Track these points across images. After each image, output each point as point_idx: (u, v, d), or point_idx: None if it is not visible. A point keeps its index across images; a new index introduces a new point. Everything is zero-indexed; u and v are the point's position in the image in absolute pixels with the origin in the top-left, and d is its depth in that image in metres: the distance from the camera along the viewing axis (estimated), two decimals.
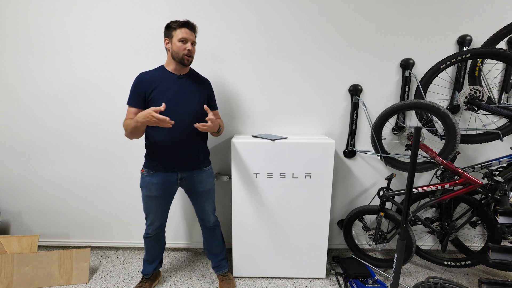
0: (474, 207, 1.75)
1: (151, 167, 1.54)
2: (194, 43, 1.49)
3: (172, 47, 1.44)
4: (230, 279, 1.79)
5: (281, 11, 1.84)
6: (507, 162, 1.70)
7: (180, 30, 1.42)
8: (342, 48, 1.89)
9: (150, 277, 1.75)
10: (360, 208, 1.93)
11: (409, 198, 1.24)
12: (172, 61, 1.48)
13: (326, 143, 1.67)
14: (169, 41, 1.46)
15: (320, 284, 1.82)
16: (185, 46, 1.44)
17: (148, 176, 1.54)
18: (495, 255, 1.31)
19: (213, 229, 1.74)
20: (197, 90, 1.55)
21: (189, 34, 1.45)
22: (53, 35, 1.88)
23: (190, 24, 1.46)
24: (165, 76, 1.48)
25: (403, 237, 1.28)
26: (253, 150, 1.69)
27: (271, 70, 1.93)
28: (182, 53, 1.44)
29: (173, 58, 1.47)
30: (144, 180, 1.56)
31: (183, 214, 2.13)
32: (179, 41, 1.43)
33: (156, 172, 1.53)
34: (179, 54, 1.44)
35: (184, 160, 1.53)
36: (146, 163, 1.57)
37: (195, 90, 1.53)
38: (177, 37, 1.42)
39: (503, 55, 1.55)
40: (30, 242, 1.88)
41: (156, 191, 1.55)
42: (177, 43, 1.43)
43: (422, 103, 1.65)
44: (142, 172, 1.57)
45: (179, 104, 1.46)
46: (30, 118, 1.99)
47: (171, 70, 1.50)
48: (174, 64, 1.48)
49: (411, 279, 1.88)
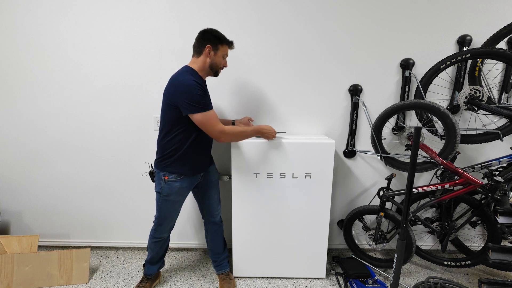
0: (474, 207, 1.75)
1: (181, 172, 1.51)
2: None
3: (215, 58, 1.50)
4: (230, 279, 1.79)
5: (281, 11, 1.84)
6: (507, 162, 1.70)
7: (226, 47, 1.53)
8: (342, 48, 1.89)
9: (151, 277, 1.75)
10: (360, 208, 1.93)
11: (409, 198, 1.24)
12: (207, 69, 1.51)
13: (326, 143, 1.67)
14: (212, 51, 1.48)
15: (320, 284, 1.82)
16: (225, 62, 1.56)
17: (179, 181, 1.52)
18: (495, 255, 1.31)
19: (218, 225, 1.80)
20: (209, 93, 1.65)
21: (227, 52, 1.56)
22: (53, 35, 1.87)
23: (233, 44, 1.57)
24: (203, 82, 1.54)
25: (403, 237, 1.29)
26: (253, 150, 1.69)
27: (271, 70, 1.92)
28: (220, 66, 1.54)
29: (210, 68, 1.51)
30: (172, 186, 1.52)
31: (184, 214, 2.13)
32: (223, 57, 1.53)
33: (186, 177, 1.54)
34: (218, 67, 1.53)
35: (210, 159, 1.70)
36: (174, 169, 1.50)
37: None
38: (223, 52, 1.51)
39: (503, 55, 1.55)
40: (30, 242, 1.88)
41: (184, 194, 1.61)
42: (221, 57, 1.52)
43: (422, 103, 1.65)
44: (168, 179, 1.51)
45: None
46: (30, 119, 1.99)
47: (203, 76, 1.54)
48: (207, 72, 1.53)
49: (411, 279, 1.88)
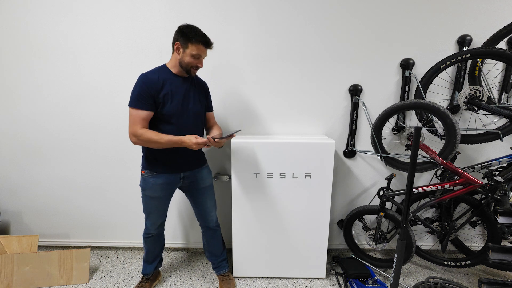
0: (474, 207, 1.75)
1: (154, 168, 1.51)
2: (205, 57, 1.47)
3: (183, 57, 1.39)
4: (230, 279, 1.79)
5: (281, 11, 1.84)
6: (507, 162, 1.70)
7: (197, 46, 1.37)
8: (343, 48, 1.89)
9: (150, 277, 1.75)
10: (360, 208, 1.93)
11: (409, 198, 1.24)
12: (178, 66, 1.44)
13: (326, 143, 1.67)
14: (181, 48, 1.39)
15: (320, 284, 1.82)
16: (197, 62, 1.41)
17: (153, 177, 1.51)
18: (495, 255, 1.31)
19: (214, 230, 1.74)
20: (199, 93, 1.56)
21: (203, 52, 1.41)
22: (53, 35, 1.87)
23: (210, 43, 1.41)
24: (171, 79, 1.43)
25: (403, 237, 1.28)
26: (253, 150, 1.69)
27: (271, 70, 1.92)
28: (191, 65, 1.41)
29: (180, 65, 1.42)
30: (147, 181, 1.53)
31: (182, 214, 2.13)
32: (192, 56, 1.38)
33: (160, 174, 1.52)
34: (187, 66, 1.41)
35: (188, 160, 1.56)
36: (147, 165, 1.52)
37: (198, 93, 1.55)
38: (193, 51, 1.37)
39: (503, 55, 1.55)
40: (30, 242, 1.88)
41: (160, 192, 1.55)
42: (190, 57, 1.38)
43: (422, 103, 1.64)
44: (143, 174, 1.53)
45: (185, 107, 1.46)
46: (30, 119, 1.99)
47: (176, 73, 1.46)
48: (179, 69, 1.44)
49: (411, 279, 1.88)
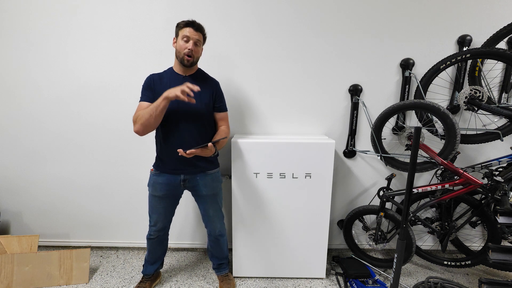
0: (474, 207, 1.75)
1: (157, 167, 1.57)
2: (198, 43, 1.46)
3: (176, 45, 1.45)
4: (230, 279, 1.79)
5: (280, 11, 1.84)
6: (507, 162, 1.70)
7: (185, 29, 1.42)
8: (342, 48, 1.89)
9: (150, 277, 1.75)
10: (360, 208, 1.93)
11: (409, 198, 1.24)
12: (177, 62, 1.48)
13: (326, 143, 1.67)
14: (175, 39, 1.46)
15: (320, 284, 1.82)
16: (187, 45, 1.42)
17: (155, 175, 1.57)
18: (495, 255, 1.31)
19: (217, 238, 1.71)
20: (203, 92, 1.48)
21: (192, 33, 1.42)
22: (53, 35, 1.87)
23: (196, 24, 1.44)
24: (172, 77, 1.49)
25: (403, 237, 1.28)
26: (253, 150, 1.69)
27: (271, 70, 1.92)
28: (183, 52, 1.42)
29: (176, 58, 1.47)
30: (151, 179, 1.59)
31: (185, 214, 2.13)
32: (182, 39, 1.42)
33: (162, 173, 1.55)
34: (180, 53, 1.43)
35: (187, 161, 1.49)
36: (155, 163, 1.60)
37: (200, 92, 1.44)
38: (181, 36, 1.42)
39: (503, 55, 1.55)
40: (30, 242, 1.88)
41: (160, 191, 1.56)
42: (180, 41, 1.42)
43: (422, 103, 1.64)
44: (151, 171, 1.60)
45: (183, 104, 1.43)
46: (30, 119, 1.99)
47: (177, 71, 1.51)
48: (179, 64, 1.48)
49: (411, 279, 1.88)
